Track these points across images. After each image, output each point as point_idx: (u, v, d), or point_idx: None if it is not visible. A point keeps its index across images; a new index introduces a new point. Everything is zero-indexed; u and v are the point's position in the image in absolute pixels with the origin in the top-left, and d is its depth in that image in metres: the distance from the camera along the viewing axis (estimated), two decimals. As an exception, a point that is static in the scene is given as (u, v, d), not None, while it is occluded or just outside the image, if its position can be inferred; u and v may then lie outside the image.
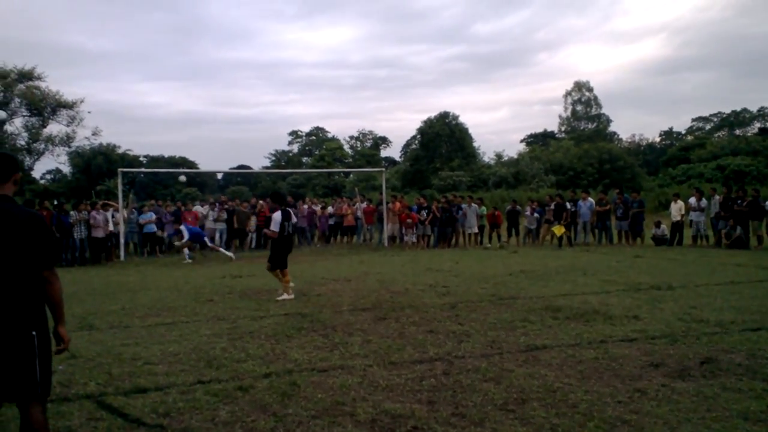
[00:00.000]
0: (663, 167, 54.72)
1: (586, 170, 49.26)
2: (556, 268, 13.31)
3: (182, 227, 17.87)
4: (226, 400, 4.79)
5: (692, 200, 19.27)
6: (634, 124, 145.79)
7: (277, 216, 9.90)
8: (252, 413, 4.50)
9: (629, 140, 74.70)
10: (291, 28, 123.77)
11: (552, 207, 20.39)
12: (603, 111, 72.44)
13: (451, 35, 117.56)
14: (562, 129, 73.33)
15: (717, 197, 18.79)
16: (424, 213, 20.97)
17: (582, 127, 71.17)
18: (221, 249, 18.94)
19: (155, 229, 19.97)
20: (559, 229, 19.44)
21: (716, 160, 46.33)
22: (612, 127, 73.63)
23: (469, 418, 4.31)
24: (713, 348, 6.01)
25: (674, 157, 54.88)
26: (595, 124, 71.52)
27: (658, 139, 76.48)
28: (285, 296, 9.73)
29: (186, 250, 17.86)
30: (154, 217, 20.09)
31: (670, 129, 77.25)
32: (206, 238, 18.57)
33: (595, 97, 71.91)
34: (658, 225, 19.59)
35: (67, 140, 45.17)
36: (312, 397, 4.82)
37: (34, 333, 3.23)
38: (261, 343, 6.69)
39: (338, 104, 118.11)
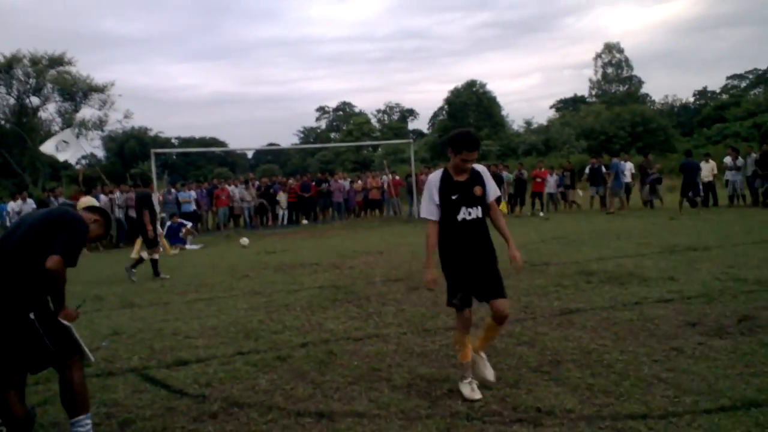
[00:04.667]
0: (697, 128, 53.31)
1: (618, 134, 48.30)
2: (589, 233, 13.19)
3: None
4: (266, 370, 4.91)
5: (728, 159, 18.83)
6: (667, 85, 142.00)
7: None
8: (291, 381, 4.61)
9: (662, 102, 72.91)
10: (318, 2, 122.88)
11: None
12: (635, 73, 70.70)
13: (478, 2, 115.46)
14: (593, 93, 71.85)
15: (754, 155, 18.32)
16: None
17: (613, 90, 69.59)
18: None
19: (194, 207, 20.26)
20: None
21: (752, 118, 44.85)
22: (644, 89, 71.87)
23: (505, 380, 4.35)
24: (751, 306, 5.92)
25: (709, 117, 53.33)
26: (626, 87, 69.87)
27: (692, 100, 74.43)
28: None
29: (190, 239, 17.49)
30: (194, 195, 20.39)
31: (705, 88, 74.96)
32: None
33: (626, 59, 70.13)
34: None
35: (99, 124, 45.98)
36: (348, 365, 4.91)
37: (32, 316, 3.47)
38: (297, 315, 6.81)
39: (365, 78, 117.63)
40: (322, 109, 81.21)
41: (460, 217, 4.16)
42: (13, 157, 41.43)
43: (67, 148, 14.47)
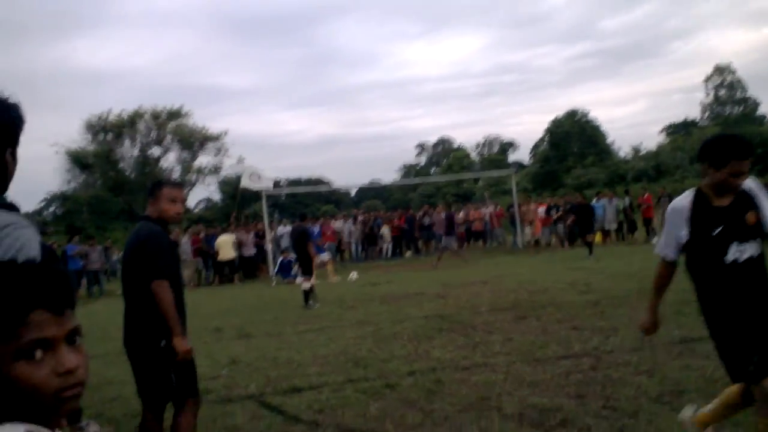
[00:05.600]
0: (827, 147, 49.16)
1: (736, 156, 45.41)
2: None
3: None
4: (375, 397, 4.97)
5: None
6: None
7: None
8: (400, 408, 4.64)
9: (783, 121, 67.86)
10: (415, 45, 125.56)
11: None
12: (749, 94, 66.47)
13: (576, 33, 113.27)
14: (705, 116, 68.13)
15: None
16: (553, 212, 20.56)
17: (727, 113, 65.71)
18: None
19: None
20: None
21: None
22: (762, 110, 67.28)
23: (622, 410, 4.18)
24: None
25: (840, 135, 49.14)
26: (741, 108, 65.78)
27: (817, 118, 68.76)
28: None
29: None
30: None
31: (831, 105, 69.22)
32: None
33: (739, 80, 66.15)
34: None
35: (215, 170, 48.89)
36: (457, 393, 4.88)
37: (163, 342, 3.49)
38: (404, 344, 6.86)
39: (464, 113, 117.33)
40: (421, 146, 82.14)
41: (729, 257, 2.95)
42: (136, 204, 44.70)
43: (258, 181, 18.09)
